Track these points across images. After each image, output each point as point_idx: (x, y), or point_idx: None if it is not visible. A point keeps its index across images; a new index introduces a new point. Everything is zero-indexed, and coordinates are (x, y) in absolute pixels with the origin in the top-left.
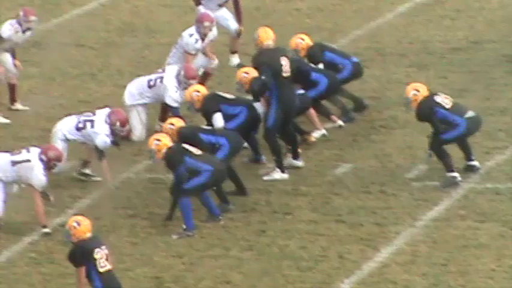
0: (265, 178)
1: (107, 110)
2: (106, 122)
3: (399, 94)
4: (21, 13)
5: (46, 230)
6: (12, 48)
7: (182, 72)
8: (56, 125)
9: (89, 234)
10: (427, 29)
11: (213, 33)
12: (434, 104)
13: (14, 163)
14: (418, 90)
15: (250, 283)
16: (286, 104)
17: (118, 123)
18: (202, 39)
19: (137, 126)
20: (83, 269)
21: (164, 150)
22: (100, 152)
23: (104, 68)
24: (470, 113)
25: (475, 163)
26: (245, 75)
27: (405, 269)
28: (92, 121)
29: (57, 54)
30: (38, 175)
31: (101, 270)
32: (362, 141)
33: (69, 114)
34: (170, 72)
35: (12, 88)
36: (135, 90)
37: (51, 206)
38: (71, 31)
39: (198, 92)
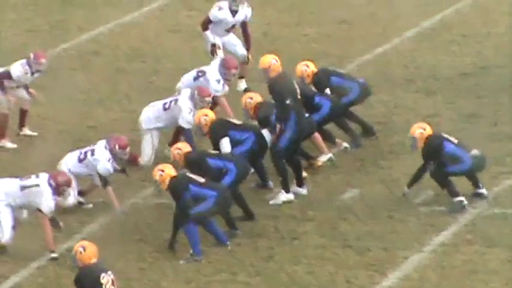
0: (271, 202)
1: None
2: (106, 148)
3: (407, 120)
4: (31, 56)
5: (54, 255)
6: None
7: (196, 92)
8: (60, 161)
9: (94, 260)
10: (434, 55)
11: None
12: (443, 138)
13: (23, 188)
14: (424, 129)
15: None
16: (302, 127)
17: (117, 147)
18: (228, 84)
19: (147, 151)
20: None
21: (168, 180)
22: (103, 180)
23: (111, 93)
24: (475, 152)
25: (483, 191)
26: (250, 100)
27: None
28: (92, 150)
29: (66, 79)
30: (46, 200)
31: None
32: (369, 167)
33: (72, 150)
34: (185, 95)
35: (23, 114)
36: (151, 115)
37: (59, 231)
38: (79, 57)
39: (207, 116)
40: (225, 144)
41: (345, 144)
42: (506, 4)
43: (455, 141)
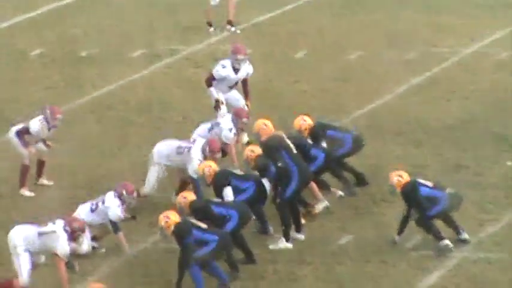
0: (271, 247)
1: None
2: (115, 196)
3: (397, 169)
4: (48, 112)
5: None
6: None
7: (207, 147)
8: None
9: None
10: (422, 109)
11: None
12: (418, 183)
13: (41, 234)
14: (401, 176)
15: None
16: (304, 176)
17: (124, 192)
18: (239, 132)
19: (152, 182)
20: None
21: (173, 226)
22: (114, 225)
23: (122, 145)
24: (449, 190)
25: (465, 236)
26: (250, 153)
27: None
28: (103, 199)
29: (80, 132)
30: (62, 245)
31: None
32: (363, 213)
33: (83, 202)
34: (198, 145)
35: (41, 164)
36: (164, 151)
37: (74, 273)
38: (92, 111)
39: (210, 167)
40: (228, 193)
41: (340, 193)
42: (490, 62)
43: (431, 184)
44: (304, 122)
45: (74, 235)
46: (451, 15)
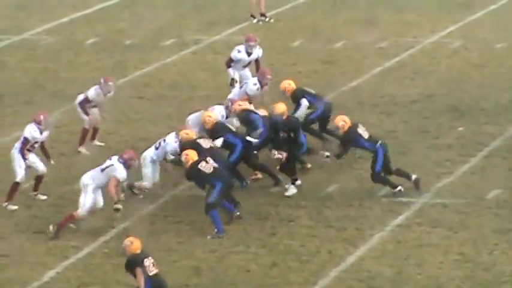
0: (287, 194)
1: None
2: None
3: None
4: (101, 80)
5: (118, 206)
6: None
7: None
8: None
9: (139, 251)
10: (393, 87)
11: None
12: (356, 134)
13: (103, 169)
14: (345, 121)
15: (264, 271)
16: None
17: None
18: (262, 87)
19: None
20: (139, 272)
21: (189, 164)
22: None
23: (158, 114)
24: (380, 141)
25: (414, 176)
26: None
27: (377, 261)
28: (164, 139)
29: (124, 104)
30: (120, 172)
31: (150, 274)
32: (346, 168)
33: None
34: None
35: (95, 131)
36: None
37: (121, 201)
38: (133, 87)
39: (211, 117)
40: (218, 142)
41: (326, 153)
42: (446, 50)
43: (366, 136)
44: (288, 85)
45: (128, 163)
46: (415, 12)
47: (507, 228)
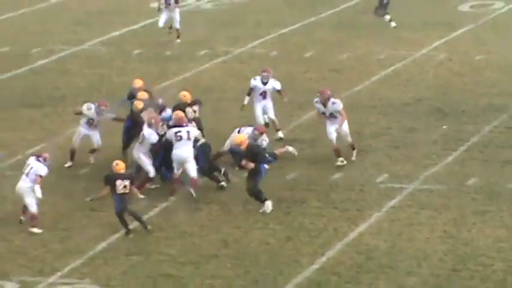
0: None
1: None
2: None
3: (372, 131)
4: (96, 103)
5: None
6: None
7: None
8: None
9: (122, 171)
10: (389, 91)
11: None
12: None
13: (140, 143)
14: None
15: (280, 244)
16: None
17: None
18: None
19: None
20: (106, 188)
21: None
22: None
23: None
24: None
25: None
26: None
27: (374, 237)
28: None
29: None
30: (152, 135)
31: (118, 192)
32: (349, 160)
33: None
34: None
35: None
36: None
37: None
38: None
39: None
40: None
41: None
42: (433, 61)
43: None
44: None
45: (150, 124)
46: (408, 30)
47: (483, 210)
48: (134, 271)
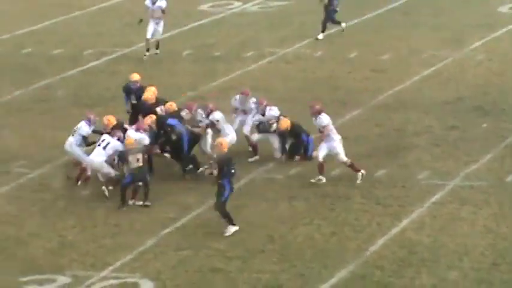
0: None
1: None
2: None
3: (414, 129)
4: (91, 116)
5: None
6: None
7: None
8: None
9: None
10: (431, 90)
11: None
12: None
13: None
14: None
15: (325, 239)
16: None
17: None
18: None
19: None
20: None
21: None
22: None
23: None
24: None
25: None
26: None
27: (416, 232)
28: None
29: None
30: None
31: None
32: (392, 156)
33: None
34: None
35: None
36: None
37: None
38: (221, 90)
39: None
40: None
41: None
42: (473, 62)
43: None
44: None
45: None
46: (449, 31)
47: None
48: (183, 265)
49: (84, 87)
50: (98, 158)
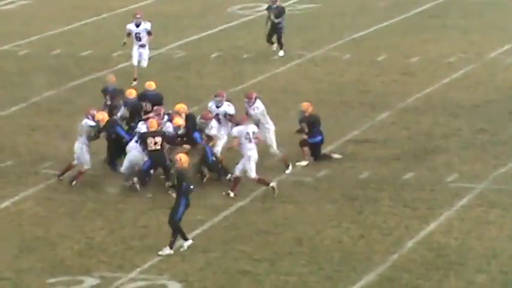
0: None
1: None
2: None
3: (443, 132)
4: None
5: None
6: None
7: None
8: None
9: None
10: (459, 93)
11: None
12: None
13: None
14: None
15: (353, 242)
16: None
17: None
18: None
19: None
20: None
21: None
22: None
23: (269, 112)
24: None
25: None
26: None
27: (444, 235)
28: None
29: (240, 106)
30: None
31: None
32: (420, 159)
33: None
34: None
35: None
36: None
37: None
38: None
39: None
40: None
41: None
42: (502, 65)
43: None
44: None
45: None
46: (477, 34)
47: None
48: (211, 267)
49: None
50: (136, 151)
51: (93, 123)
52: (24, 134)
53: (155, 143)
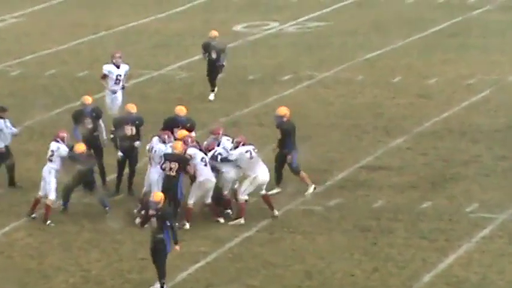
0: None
1: None
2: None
3: (462, 159)
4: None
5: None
6: None
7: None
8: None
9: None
10: (479, 117)
11: None
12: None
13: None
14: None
15: (366, 276)
16: None
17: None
18: None
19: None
20: None
21: None
22: None
23: (275, 139)
24: None
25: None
26: None
27: (464, 268)
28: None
29: (246, 130)
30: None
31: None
32: (438, 188)
33: None
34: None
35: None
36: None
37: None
38: (255, 116)
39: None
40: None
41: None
42: None
43: None
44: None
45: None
46: (498, 53)
47: None
48: None
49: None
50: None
51: (66, 150)
52: (16, 160)
53: (170, 168)
